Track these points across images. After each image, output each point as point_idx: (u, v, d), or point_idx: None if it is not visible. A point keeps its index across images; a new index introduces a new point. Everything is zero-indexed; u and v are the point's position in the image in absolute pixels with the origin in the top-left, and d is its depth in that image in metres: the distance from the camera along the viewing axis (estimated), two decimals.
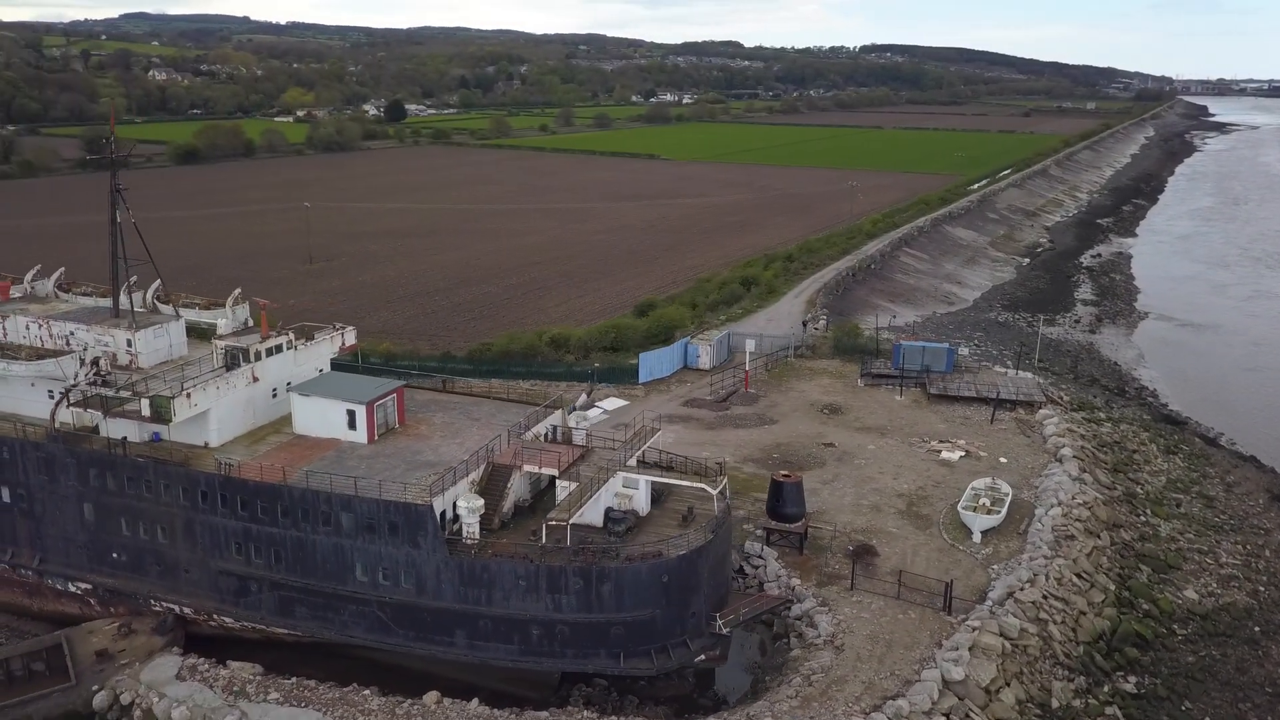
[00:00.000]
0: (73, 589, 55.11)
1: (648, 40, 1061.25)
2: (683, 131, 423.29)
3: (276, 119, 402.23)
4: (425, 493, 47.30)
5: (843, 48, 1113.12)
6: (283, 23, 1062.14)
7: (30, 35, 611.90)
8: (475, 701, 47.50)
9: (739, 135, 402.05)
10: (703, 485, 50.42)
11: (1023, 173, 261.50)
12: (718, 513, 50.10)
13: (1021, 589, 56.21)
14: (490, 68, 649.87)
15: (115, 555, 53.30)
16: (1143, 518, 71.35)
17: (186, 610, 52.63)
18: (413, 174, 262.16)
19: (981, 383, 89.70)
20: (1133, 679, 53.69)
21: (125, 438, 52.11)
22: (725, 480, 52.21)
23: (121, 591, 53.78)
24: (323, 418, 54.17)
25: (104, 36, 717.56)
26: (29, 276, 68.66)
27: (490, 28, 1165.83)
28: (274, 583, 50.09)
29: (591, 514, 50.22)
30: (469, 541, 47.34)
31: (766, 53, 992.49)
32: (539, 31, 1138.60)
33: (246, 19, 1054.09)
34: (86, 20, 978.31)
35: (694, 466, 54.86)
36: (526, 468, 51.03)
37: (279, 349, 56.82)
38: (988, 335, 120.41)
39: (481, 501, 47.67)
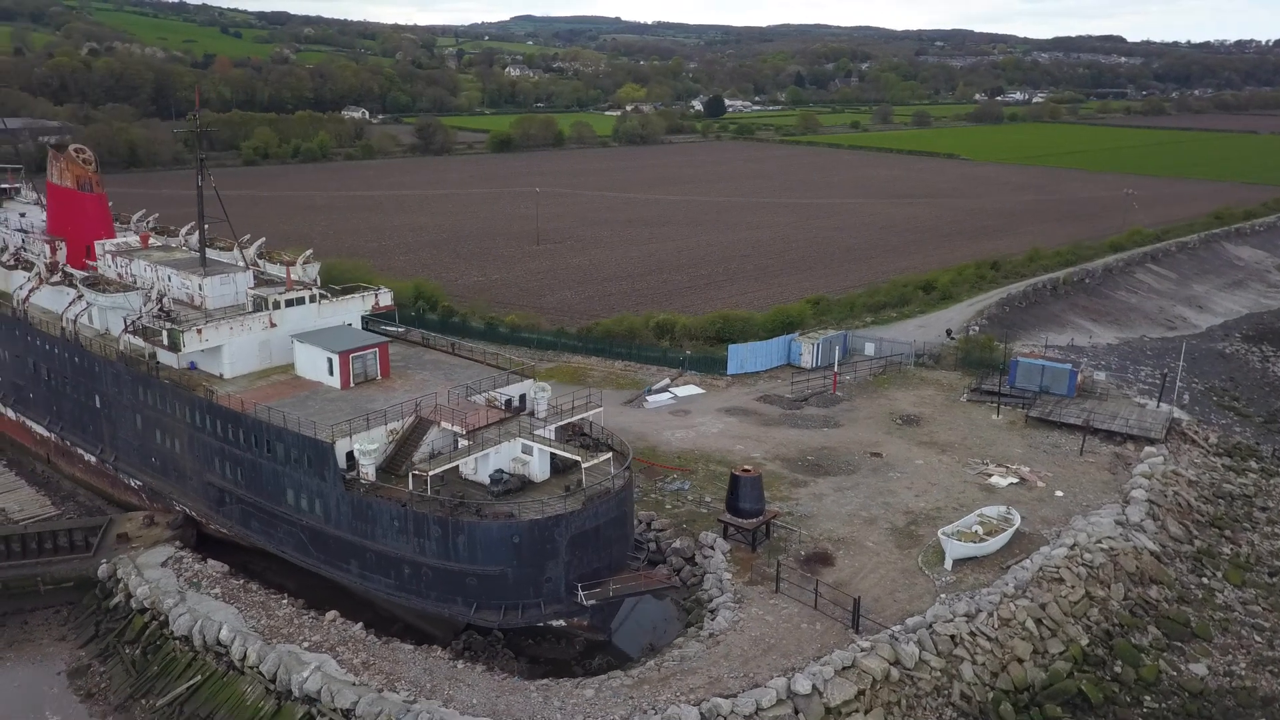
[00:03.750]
0: (132, 484, 67.34)
1: (1019, 35, 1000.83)
2: (1004, 132, 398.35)
3: (607, 113, 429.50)
4: (331, 433, 53.12)
5: (1250, 41, 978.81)
6: (649, 22, 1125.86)
7: (427, 36, 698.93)
8: (360, 626, 52.78)
9: (1069, 137, 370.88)
10: (576, 457, 51.87)
11: None
12: (584, 485, 51.35)
13: (948, 620, 51.78)
14: (829, 64, 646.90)
15: (153, 460, 64.55)
16: (1204, 579, 61.40)
17: (192, 513, 62.65)
18: (692, 168, 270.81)
19: (1100, 411, 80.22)
20: None
21: (159, 362, 62.94)
22: (607, 458, 53.17)
23: (156, 490, 65.02)
24: (312, 363, 61.81)
25: (486, 37, 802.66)
26: (184, 231, 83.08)
27: (848, 24, 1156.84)
28: (238, 497, 58.46)
29: (484, 472, 53.55)
30: (363, 481, 52.51)
31: (1152, 48, 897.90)
32: (899, 28, 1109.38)
33: (618, 19, 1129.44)
34: (482, 22, 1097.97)
35: (616, 444, 56.27)
36: (444, 424, 55.15)
37: (300, 301, 65.20)
38: (1191, 366, 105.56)
39: (375, 446, 52.66)
